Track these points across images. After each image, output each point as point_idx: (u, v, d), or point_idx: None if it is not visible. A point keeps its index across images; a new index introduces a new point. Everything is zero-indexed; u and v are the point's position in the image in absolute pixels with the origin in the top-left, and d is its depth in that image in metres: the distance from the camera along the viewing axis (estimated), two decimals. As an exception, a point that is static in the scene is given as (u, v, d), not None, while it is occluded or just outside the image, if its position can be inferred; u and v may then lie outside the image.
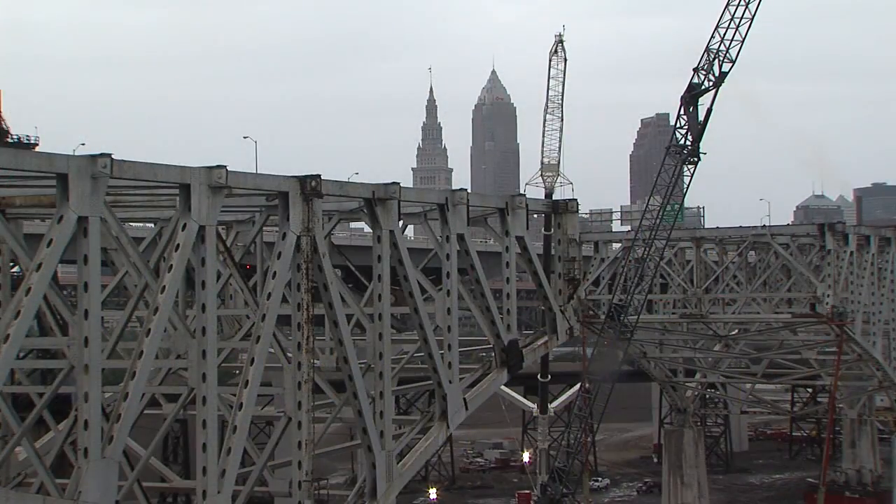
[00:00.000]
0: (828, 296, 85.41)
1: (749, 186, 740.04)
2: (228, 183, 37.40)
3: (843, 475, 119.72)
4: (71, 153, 35.23)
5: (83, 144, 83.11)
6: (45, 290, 31.50)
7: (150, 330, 34.62)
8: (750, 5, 68.92)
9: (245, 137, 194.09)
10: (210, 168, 36.98)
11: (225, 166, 37.34)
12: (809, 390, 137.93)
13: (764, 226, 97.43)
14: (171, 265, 35.62)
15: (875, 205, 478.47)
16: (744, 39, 69.08)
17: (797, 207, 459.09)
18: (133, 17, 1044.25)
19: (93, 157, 33.26)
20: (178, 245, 35.82)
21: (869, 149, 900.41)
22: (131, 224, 58.65)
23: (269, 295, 39.92)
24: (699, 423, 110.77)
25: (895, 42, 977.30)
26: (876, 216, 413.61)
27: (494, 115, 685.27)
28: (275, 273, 40.38)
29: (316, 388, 43.01)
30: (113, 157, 33.56)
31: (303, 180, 41.55)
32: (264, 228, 48.10)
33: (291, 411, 41.21)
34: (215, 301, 37.97)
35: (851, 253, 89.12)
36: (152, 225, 51.45)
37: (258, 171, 53.36)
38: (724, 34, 68.91)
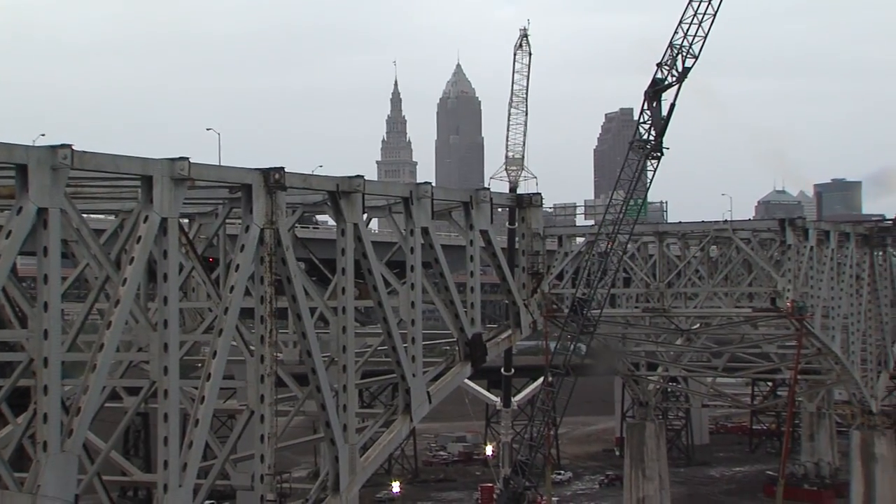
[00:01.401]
0: (788, 290, 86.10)
1: (711, 182, 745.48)
2: (191, 175, 37.08)
3: (801, 468, 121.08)
4: (31, 143, 34.84)
5: (43, 135, 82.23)
6: (3, 282, 31.15)
7: (111, 322, 34.30)
8: (713, 2, 69.31)
9: (208, 129, 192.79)
10: (172, 160, 36.69)
11: (187, 158, 37.05)
12: (769, 384, 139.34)
13: (726, 221, 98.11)
14: (133, 257, 35.30)
15: (834, 200, 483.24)
16: (706, 36, 69.52)
17: (758, 203, 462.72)
18: (97, 6, 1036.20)
19: (53, 147, 32.88)
20: (139, 237, 35.52)
21: (829, 145, 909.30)
22: (92, 216, 58.00)
23: (232, 288, 39.67)
24: (661, 417, 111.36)
25: (854, 40, 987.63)
26: (835, 211, 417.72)
27: (459, 108, 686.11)
28: (238, 266, 40.13)
29: (279, 381, 42.79)
30: (73, 147, 33.21)
31: (266, 173, 41.29)
32: (227, 221, 47.84)
33: (254, 405, 41.00)
34: (177, 294, 37.66)
35: (811, 248, 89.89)
36: (114, 217, 51.01)
37: (221, 164, 53.08)
38: (687, 30, 69.28)
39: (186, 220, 49.14)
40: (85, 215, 40.12)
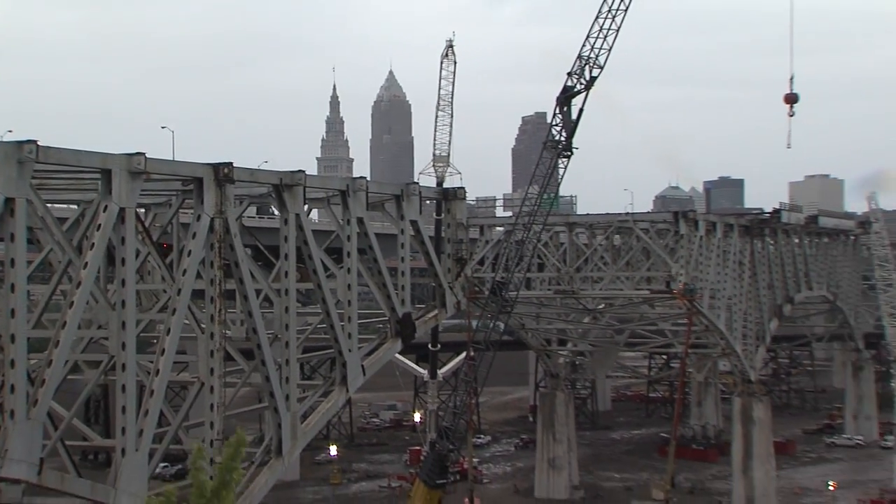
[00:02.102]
0: (680, 274, 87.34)
1: (614, 178, 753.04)
2: (147, 169, 36.72)
3: (690, 430, 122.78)
4: (-2, 139, 34.13)
5: (10, 131, 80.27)
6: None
7: (73, 302, 33.88)
8: (616, 19, 69.80)
9: (163, 127, 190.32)
10: (130, 155, 36.31)
11: (143, 153, 36.67)
12: (664, 357, 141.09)
13: (627, 213, 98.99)
14: (93, 243, 34.89)
15: (721, 196, 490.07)
16: (611, 48, 69.90)
17: (655, 197, 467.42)
18: (60, 13, 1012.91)
19: (19, 143, 32.40)
20: (99, 225, 35.11)
21: (716, 146, 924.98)
22: (56, 205, 56.90)
23: (185, 271, 39.34)
24: (569, 387, 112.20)
25: (740, 55, 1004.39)
26: (722, 205, 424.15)
27: (391, 111, 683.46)
28: (190, 251, 39.79)
29: (227, 355, 42.56)
30: (38, 143, 32.76)
31: (216, 167, 40.96)
32: (180, 210, 47.33)
33: (204, 377, 40.74)
34: (134, 276, 37.27)
35: (701, 237, 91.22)
36: (76, 206, 50.20)
37: (175, 159, 52.38)
38: (594, 44, 69.62)
39: (143, 210, 48.54)
40: (49, 205, 39.53)
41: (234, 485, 7.03)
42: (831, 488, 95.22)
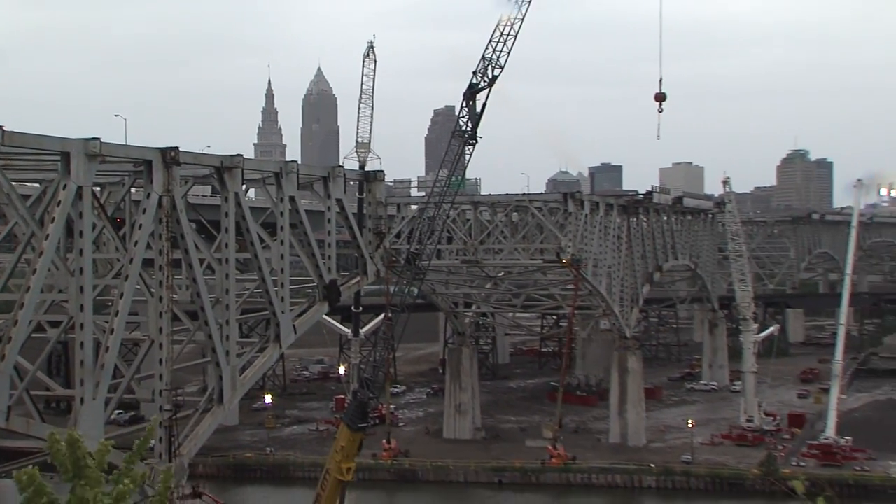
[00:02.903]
0: (569, 247, 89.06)
1: (513, 163, 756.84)
2: (102, 152, 36.19)
3: (576, 379, 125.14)
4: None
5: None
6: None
7: (36, 269, 33.36)
8: (514, 25, 70.23)
9: (116, 115, 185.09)
10: (87, 139, 35.73)
11: (99, 138, 36.13)
12: (554, 317, 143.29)
13: (524, 194, 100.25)
14: (54, 218, 34.35)
15: (603, 179, 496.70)
16: (510, 51, 70.32)
17: (548, 180, 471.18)
18: (25, 13, 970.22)
19: (-14, 128, 31.65)
20: (59, 202, 34.57)
21: (599, 137, 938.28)
22: (20, 184, 55.42)
23: (136, 242, 38.91)
24: (474, 343, 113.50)
25: (623, 58, 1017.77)
26: (604, 188, 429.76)
27: (320, 103, 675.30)
28: (140, 225, 39.35)
29: (174, 316, 42.28)
30: (3, 128, 32.05)
31: (164, 151, 40.50)
32: (132, 189, 46.63)
33: (154, 335, 40.43)
34: (91, 247, 36.80)
35: (586, 215, 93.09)
36: (38, 185, 49.03)
37: (127, 143, 51.49)
38: (496, 47, 69.99)
39: (98, 188, 47.70)
40: (14, 183, 38.70)
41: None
42: (690, 425, 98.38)
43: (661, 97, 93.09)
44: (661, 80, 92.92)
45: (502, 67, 70.83)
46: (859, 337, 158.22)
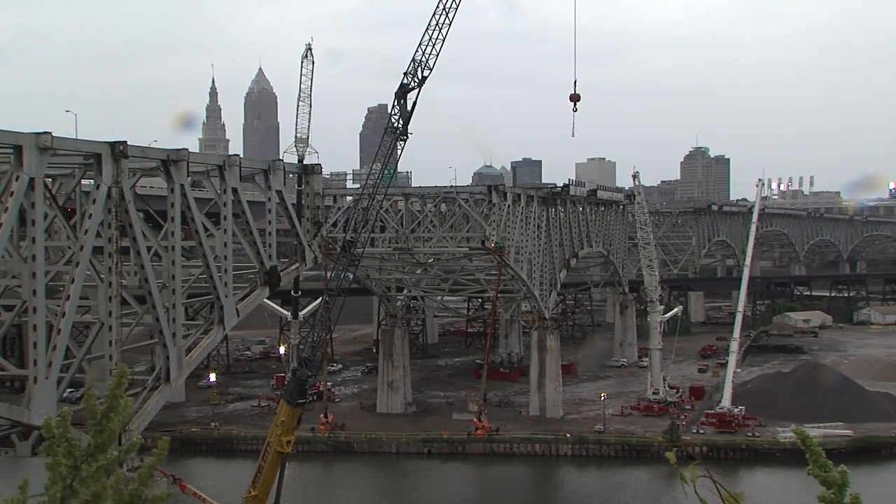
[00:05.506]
0: (493, 235, 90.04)
1: (441, 158, 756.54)
2: (53, 145, 35.62)
3: (499, 357, 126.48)
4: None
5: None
6: None
7: (-11, 257, 32.68)
8: (442, 30, 70.71)
9: (67, 111, 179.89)
10: (39, 133, 35.10)
11: (50, 132, 35.53)
12: (479, 300, 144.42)
13: (452, 186, 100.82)
14: (7, 207, 33.72)
15: (524, 173, 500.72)
16: (438, 54, 70.79)
17: (474, 173, 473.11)
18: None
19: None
20: (12, 192, 33.95)
21: (520, 133, 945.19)
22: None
23: (86, 231, 38.40)
24: (405, 324, 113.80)
25: (535, 61, 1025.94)
26: (525, 181, 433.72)
27: (261, 100, 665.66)
28: (90, 214, 38.85)
29: (123, 301, 41.82)
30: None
31: (113, 145, 39.98)
32: (82, 180, 45.83)
33: (104, 318, 39.97)
34: (43, 235, 36.21)
35: (509, 206, 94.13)
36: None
37: (77, 137, 50.45)
38: (425, 50, 70.35)
39: (50, 180, 46.75)
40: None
41: (120, 409, 7.32)
42: (603, 398, 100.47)
43: (575, 98, 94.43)
44: (575, 83, 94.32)
45: (431, 69, 71.24)
46: (752, 317, 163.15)
